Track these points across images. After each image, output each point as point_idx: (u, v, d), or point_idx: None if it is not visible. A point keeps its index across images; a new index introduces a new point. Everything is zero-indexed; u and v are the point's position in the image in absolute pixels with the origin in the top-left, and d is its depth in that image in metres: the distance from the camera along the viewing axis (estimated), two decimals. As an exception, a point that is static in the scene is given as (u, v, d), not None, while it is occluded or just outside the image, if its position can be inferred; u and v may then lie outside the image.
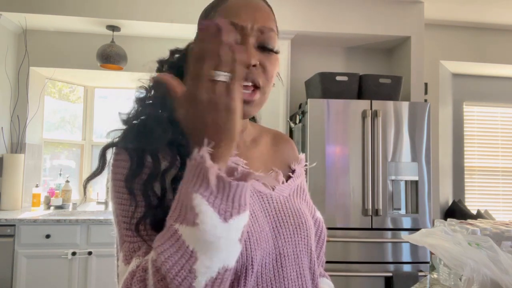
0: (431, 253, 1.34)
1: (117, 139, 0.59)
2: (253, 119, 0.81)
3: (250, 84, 0.61)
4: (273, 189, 0.70)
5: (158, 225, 0.52)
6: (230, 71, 0.45)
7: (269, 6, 0.68)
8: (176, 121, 0.50)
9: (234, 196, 0.46)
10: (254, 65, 0.61)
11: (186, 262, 0.46)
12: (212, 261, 0.46)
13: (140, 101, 0.62)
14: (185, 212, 0.47)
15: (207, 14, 0.66)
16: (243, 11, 0.62)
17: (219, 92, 0.45)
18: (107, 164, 0.59)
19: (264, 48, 0.64)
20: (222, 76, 0.45)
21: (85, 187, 0.63)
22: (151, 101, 0.62)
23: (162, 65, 0.67)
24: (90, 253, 2.50)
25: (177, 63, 0.66)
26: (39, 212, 2.74)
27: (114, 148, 0.59)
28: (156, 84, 0.58)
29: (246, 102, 0.61)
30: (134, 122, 0.60)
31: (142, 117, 0.59)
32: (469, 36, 3.50)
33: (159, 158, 0.57)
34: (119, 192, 0.57)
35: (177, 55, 0.67)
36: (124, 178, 0.56)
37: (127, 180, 0.56)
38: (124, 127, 0.60)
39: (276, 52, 0.65)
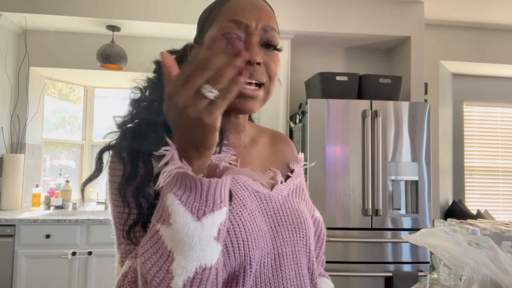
0: (431, 253, 1.34)
1: (114, 141, 0.59)
2: (250, 118, 0.81)
3: (253, 81, 0.62)
4: (272, 189, 0.70)
5: None
6: (220, 91, 0.41)
7: (270, 6, 0.68)
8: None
9: (207, 194, 0.46)
10: (259, 63, 0.61)
11: (164, 263, 0.45)
12: (187, 260, 0.45)
13: (135, 103, 0.61)
14: (164, 212, 0.47)
15: (209, 13, 0.66)
16: (247, 10, 0.63)
17: (201, 108, 0.41)
18: (104, 167, 0.59)
19: (268, 47, 0.64)
20: (211, 93, 0.41)
21: (82, 191, 0.63)
22: (145, 103, 0.62)
23: (159, 65, 0.66)
24: (90, 253, 2.50)
25: None
26: (39, 212, 2.74)
27: (110, 151, 0.59)
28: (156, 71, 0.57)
29: (250, 97, 0.62)
30: (129, 125, 0.59)
31: (137, 121, 0.59)
32: (469, 36, 3.50)
33: (152, 164, 0.56)
34: (115, 194, 0.58)
35: (173, 56, 0.67)
36: (118, 186, 0.56)
37: (120, 188, 0.56)
38: (119, 131, 0.60)
39: (279, 50, 0.66)
